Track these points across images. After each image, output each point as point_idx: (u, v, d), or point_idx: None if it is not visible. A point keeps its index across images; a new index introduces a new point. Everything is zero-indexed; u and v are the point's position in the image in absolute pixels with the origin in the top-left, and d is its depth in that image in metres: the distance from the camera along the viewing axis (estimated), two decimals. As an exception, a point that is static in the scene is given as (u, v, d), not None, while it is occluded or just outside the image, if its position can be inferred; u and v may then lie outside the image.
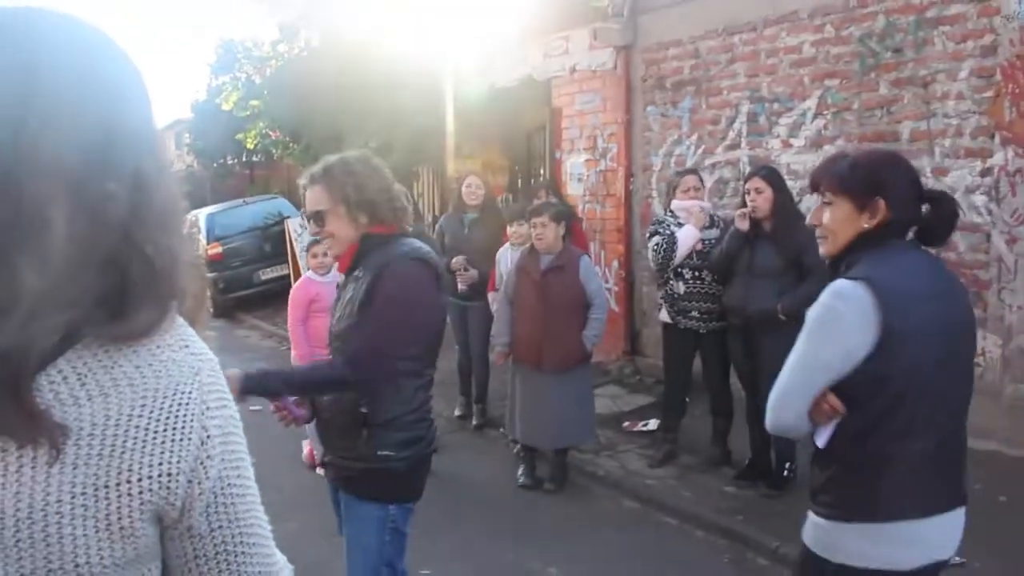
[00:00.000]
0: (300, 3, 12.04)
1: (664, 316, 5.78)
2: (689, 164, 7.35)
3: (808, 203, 6.33)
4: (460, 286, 6.63)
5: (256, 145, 13.59)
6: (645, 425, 6.66)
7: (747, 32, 6.89)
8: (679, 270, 5.60)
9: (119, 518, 0.90)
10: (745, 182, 5.31)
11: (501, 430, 6.59)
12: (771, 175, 5.18)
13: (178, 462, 0.93)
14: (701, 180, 5.90)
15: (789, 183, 5.53)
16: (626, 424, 6.73)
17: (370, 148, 11.71)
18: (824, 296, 2.25)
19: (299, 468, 6.20)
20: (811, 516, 2.43)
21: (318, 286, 5.70)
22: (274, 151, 13.76)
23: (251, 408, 2.94)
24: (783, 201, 5.11)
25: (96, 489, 0.89)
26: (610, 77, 8.27)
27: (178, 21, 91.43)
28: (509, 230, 6.30)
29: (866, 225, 2.30)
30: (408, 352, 2.91)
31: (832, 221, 2.36)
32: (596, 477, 5.93)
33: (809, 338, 2.27)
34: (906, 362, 2.18)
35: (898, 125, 5.86)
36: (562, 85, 9.01)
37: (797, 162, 6.44)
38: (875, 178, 2.30)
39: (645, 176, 8.04)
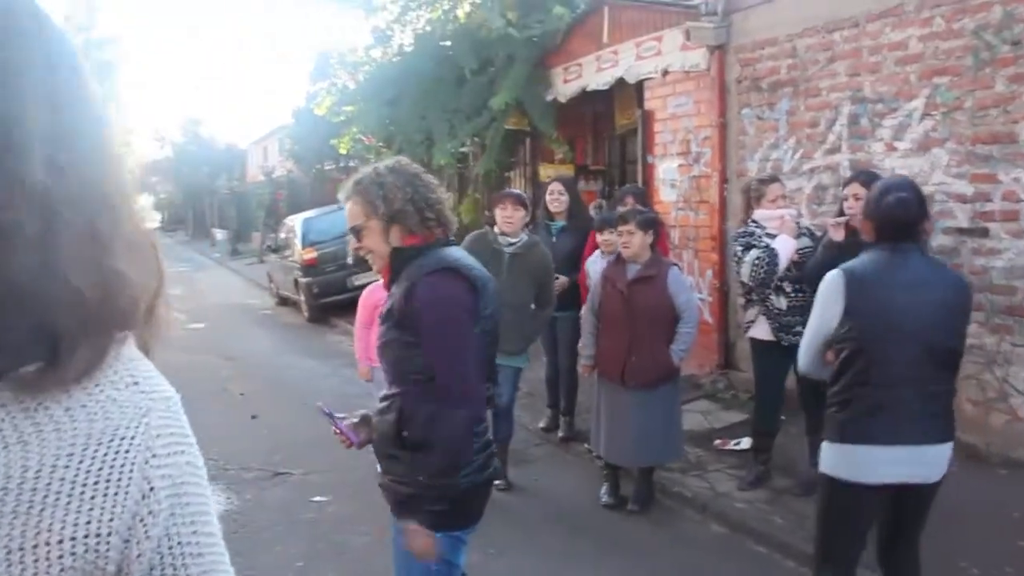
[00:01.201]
0: (395, 8, 12.09)
1: (760, 333, 5.45)
2: (786, 169, 7.00)
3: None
4: None
5: (349, 150, 13.69)
6: (737, 444, 6.34)
7: (848, 28, 6.49)
8: (779, 284, 5.28)
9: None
10: (843, 188, 4.96)
11: (586, 445, 6.38)
12: (872, 180, 4.81)
13: (110, 520, 0.79)
14: (784, 187, 5.59)
15: (893, 189, 5.15)
16: (717, 442, 6.42)
17: (461, 152, 11.80)
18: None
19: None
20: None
21: (383, 292, 5.65)
22: (368, 156, 13.88)
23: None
24: (884, 209, 4.75)
25: (9, 553, 0.75)
26: (703, 78, 7.97)
27: (284, 29, 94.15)
28: (599, 238, 6.08)
29: (865, 237, 3.42)
30: None
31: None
32: (683, 498, 5.66)
33: (814, 308, 3.34)
34: (860, 329, 3.16)
35: (1015, 125, 5.39)
36: (654, 87, 8.75)
37: (902, 166, 6.02)
38: (866, 209, 3.40)
39: (740, 182, 7.70)
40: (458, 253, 2.85)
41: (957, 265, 5.77)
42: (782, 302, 5.30)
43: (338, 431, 2.88)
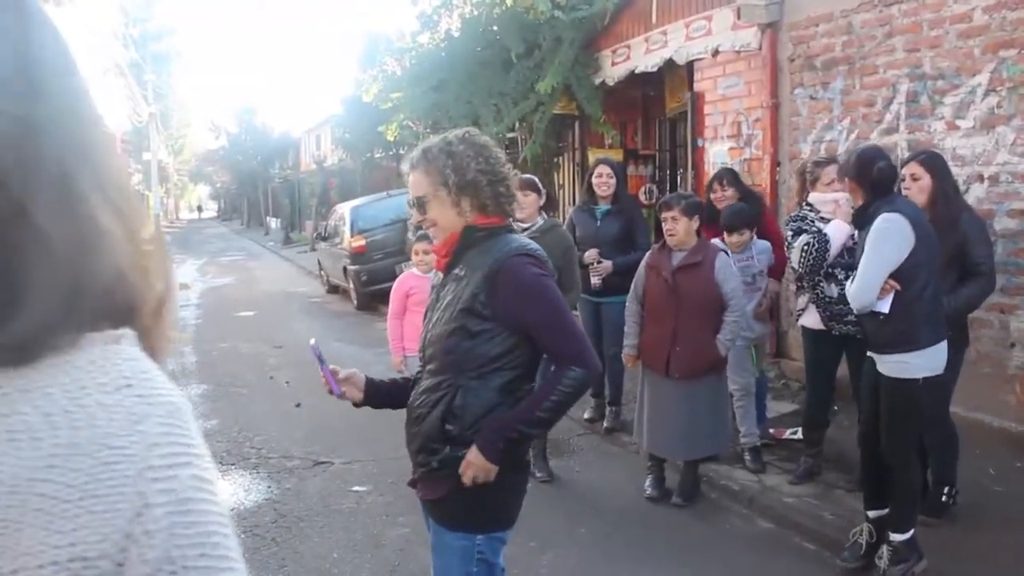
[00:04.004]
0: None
1: (811, 322, 5.24)
2: (840, 151, 6.72)
3: (976, 192, 5.66)
4: (593, 281, 6.28)
5: (396, 137, 13.64)
6: (794, 433, 6.09)
7: (907, 2, 6.18)
8: (831, 271, 5.04)
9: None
10: (901, 168, 4.72)
11: (626, 437, 6.22)
12: (931, 160, 4.58)
13: (99, 542, 0.68)
14: None
15: (954, 170, 4.90)
16: (771, 431, 6.18)
17: (508, 137, 11.65)
18: (878, 222, 3.92)
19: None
20: (888, 357, 4.02)
21: (416, 279, 5.71)
22: (416, 142, 13.80)
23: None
24: (944, 190, 4.49)
25: None
26: (755, 58, 7.72)
27: (337, 16, 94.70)
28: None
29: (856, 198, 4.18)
30: (516, 360, 2.63)
31: None
32: (729, 492, 5.47)
33: (874, 249, 3.93)
34: (927, 256, 3.94)
35: (1087, 101, 5.10)
36: (704, 68, 8.52)
37: (964, 146, 5.73)
38: (858, 177, 4.12)
39: (793, 164, 7.43)
40: (524, 239, 2.76)
41: (1021, 249, 5.49)
42: (833, 290, 5.06)
43: (323, 376, 2.77)
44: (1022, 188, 5.50)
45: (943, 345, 4.00)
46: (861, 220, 4.13)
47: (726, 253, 5.42)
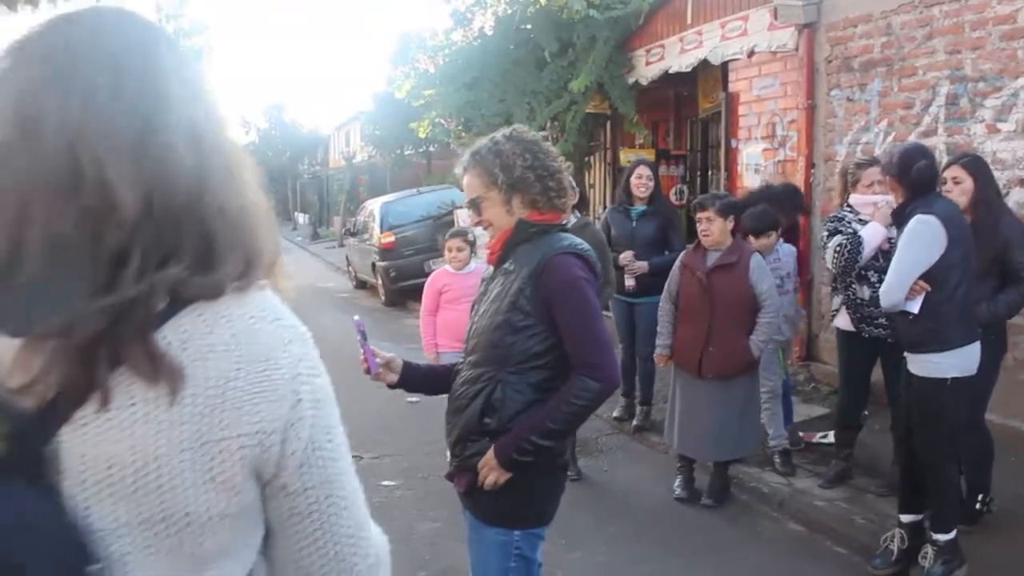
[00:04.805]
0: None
1: (844, 323, 5.20)
2: (878, 153, 6.65)
3: (1016, 197, 5.59)
4: (628, 281, 6.28)
5: (428, 134, 13.68)
6: (824, 437, 6.04)
7: (949, 3, 6.10)
8: (864, 273, 5.00)
9: (221, 471, 0.98)
10: (943, 171, 4.68)
11: (655, 438, 6.20)
12: (974, 163, 4.53)
13: (272, 421, 1.01)
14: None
15: (996, 174, 4.83)
16: (802, 434, 6.14)
17: (541, 135, 11.62)
18: (912, 223, 3.93)
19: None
20: (919, 357, 4.04)
21: (449, 277, 5.69)
22: (447, 140, 13.84)
23: (408, 400, 2.75)
24: (986, 193, 4.44)
25: (200, 444, 0.97)
26: (791, 59, 7.66)
27: (367, 14, 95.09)
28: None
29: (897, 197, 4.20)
30: (557, 359, 2.63)
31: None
32: (760, 494, 5.44)
33: (906, 250, 3.97)
34: (961, 258, 3.94)
35: None
36: (739, 69, 8.47)
37: (1005, 149, 5.66)
38: (898, 176, 4.13)
39: (828, 167, 7.37)
40: (576, 238, 2.74)
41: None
42: (865, 292, 5.02)
43: (363, 353, 2.74)
44: (1063, 193, 5.43)
45: (975, 346, 4.01)
46: (899, 219, 4.15)
47: (760, 254, 5.39)
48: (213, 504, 0.99)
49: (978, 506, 4.59)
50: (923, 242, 3.93)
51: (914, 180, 4.02)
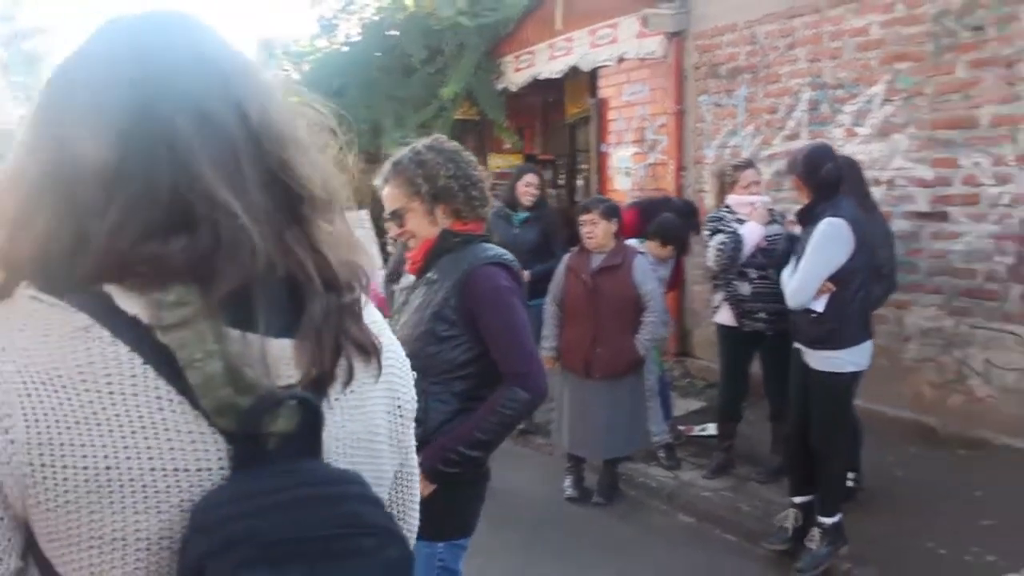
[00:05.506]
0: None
1: (725, 319, 5.40)
2: (745, 156, 6.94)
3: (874, 196, 5.92)
4: None
5: (294, 141, 13.36)
6: (703, 430, 6.26)
7: (809, 15, 6.45)
8: (743, 270, 5.22)
9: (399, 434, 1.13)
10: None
11: (539, 439, 6.26)
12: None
13: (405, 397, 1.15)
14: (759, 173, 5.55)
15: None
16: (682, 428, 6.32)
17: (408, 142, 11.49)
18: (823, 226, 4.04)
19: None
20: (819, 353, 4.20)
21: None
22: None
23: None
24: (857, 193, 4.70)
25: (390, 411, 1.11)
26: (660, 66, 7.89)
27: (226, 17, 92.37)
28: None
29: (804, 197, 4.30)
30: (481, 369, 2.62)
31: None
32: (648, 489, 5.57)
33: (814, 253, 4.06)
34: (865, 260, 4.12)
35: (977, 110, 5.40)
36: (608, 75, 8.67)
37: (863, 152, 6.00)
38: (803, 176, 4.28)
39: (697, 169, 7.65)
40: (500, 248, 2.73)
41: (916, 250, 5.79)
42: (745, 288, 5.24)
43: None
44: (916, 192, 5.81)
45: (870, 343, 4.27)
46: (806, 219, 4.24)
47: (643, 255, 5.50)
48: (393, 467, 1.13)
49: (850, 483, 4.85)
50: (834, 245, 4.04)
51: (822, 181, 4.12)
